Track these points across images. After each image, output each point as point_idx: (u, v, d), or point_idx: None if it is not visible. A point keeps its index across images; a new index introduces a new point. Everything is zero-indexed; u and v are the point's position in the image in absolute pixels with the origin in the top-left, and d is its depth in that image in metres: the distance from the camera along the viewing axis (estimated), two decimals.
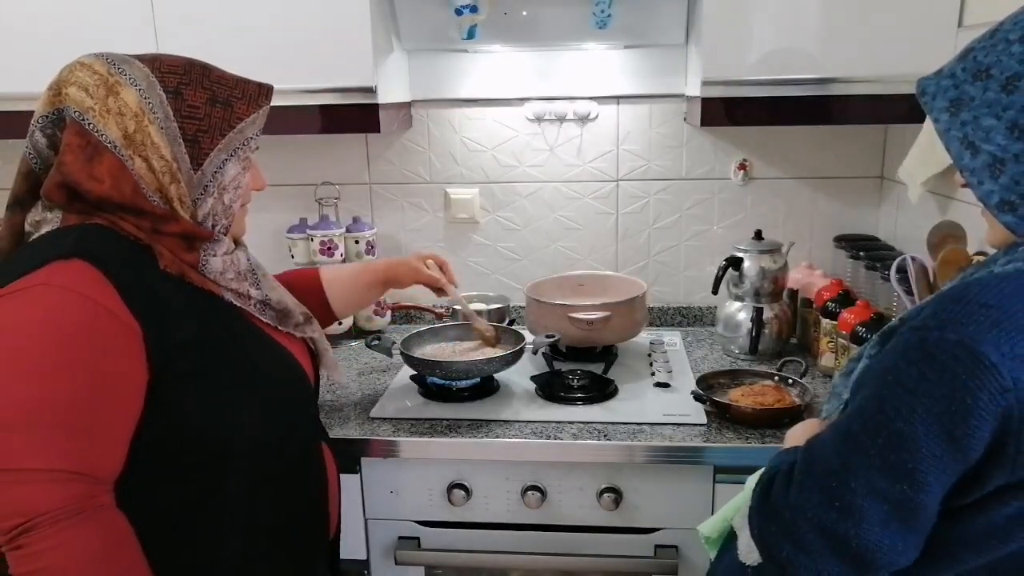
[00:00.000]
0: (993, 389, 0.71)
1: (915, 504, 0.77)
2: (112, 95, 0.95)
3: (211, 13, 1.63)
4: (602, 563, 1.46)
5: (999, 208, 0.79)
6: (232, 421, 0.99)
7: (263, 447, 1.03)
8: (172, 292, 0.96)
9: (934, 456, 0.74)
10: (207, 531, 1.00)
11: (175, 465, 0.96)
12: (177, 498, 0.97)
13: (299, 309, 1.17)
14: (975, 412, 0.72)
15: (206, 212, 1.01)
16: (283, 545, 1.08)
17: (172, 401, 0.94)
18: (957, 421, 0.73)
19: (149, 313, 0.91)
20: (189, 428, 0.96)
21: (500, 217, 2.07)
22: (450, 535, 1.49)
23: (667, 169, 2.00)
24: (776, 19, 1.53)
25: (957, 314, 0.74)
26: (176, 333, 0.94)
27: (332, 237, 1.96)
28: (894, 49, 1.50)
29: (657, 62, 1.92)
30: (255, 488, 1.02)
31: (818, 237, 2.00)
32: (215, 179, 1.01)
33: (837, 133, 1.92)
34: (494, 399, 1.60)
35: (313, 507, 1.14)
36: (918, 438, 0.74)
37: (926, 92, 0.85)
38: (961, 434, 0.73)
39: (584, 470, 1.44)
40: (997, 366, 0.71)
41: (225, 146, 1.01)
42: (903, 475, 0.76)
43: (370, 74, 1.64)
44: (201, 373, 0.96)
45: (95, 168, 0.94)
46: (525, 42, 1.86)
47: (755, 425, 1.44)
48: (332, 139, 2.03)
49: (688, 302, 2.08)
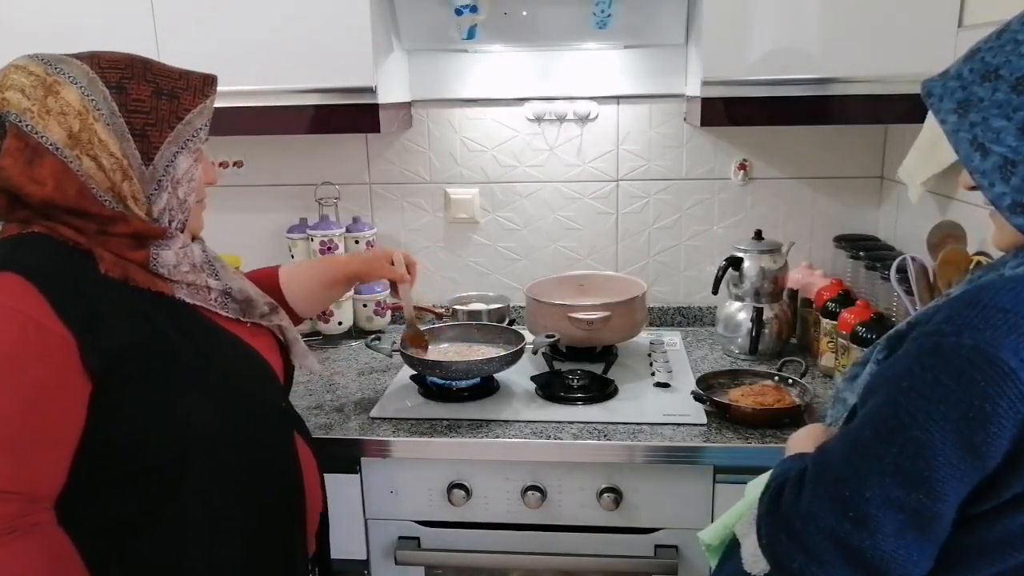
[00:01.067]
0: (1013, 395, 0.70)
1: (931, 513, 0.75)
2: (52, 95, 0.93)
3: (211, 13, 1.63)
4: (602, 563, 1.46)
5: (1011, 210, 0.78)
6: (187, 421, 0.97)
7: (224, 445, 1.01)
8: (112, 296, 0.94)
9: (951, 464, 0.73)
10: (170, 534, 0.98)
11: (131, 471, 0.95)
12: (136, 504, 0.96)
13: (264, 299, 1.15)
14: (994, 419, 0.70)
15: (161, 208, 1.00)
16: (255, 543, 1.06)
17: (120, 406, 0.93)
18: (975, 428, 0.71)
19: (83, 321, 0.89)
20: (141, 432, 0.94)
21: (500, 217, 2.07)
22: (450, 535, 1.49)
23: (667, 169, 2.00)
24: (776, 19, 1.53)
25: (973, 319, 0.72)
26: (115, 338, 0.91)
27: (332, 237, 1.96)
28: (894, 49, 1.50)
29: (657, 62, 1.92)
30: (219, 487, 1.01)
31: (818, 237, 2.00)
32: (167, 173, 0.99)
33: (837, 133, 1.92)
34: (494, 399, 1.60)
35: (287, 502, 1.12)
36: (935, 445, 0.73)
37: (932, 94, 0.84)
38: (980, 441, 0.71)
39: (584, 470, 1.44)
40: (1016, 372, 0.69)
41: (175, 139, 0.99)
42: (919, 483, 0.74)
43: (370, 74, 1.64)
44: (148, 375, 0.94)
45: (36, 171, 0.92)
46: (525, 42, 1.86)
47: (755, 425, 1.44)
48: (332, 139, 2.03)
49: (688, 302, 2.08)
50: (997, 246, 0.86)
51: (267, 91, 1.66)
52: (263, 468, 1.08)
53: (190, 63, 1.62)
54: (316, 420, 1.53)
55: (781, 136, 1.94)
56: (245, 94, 1.65)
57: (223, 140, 2.03)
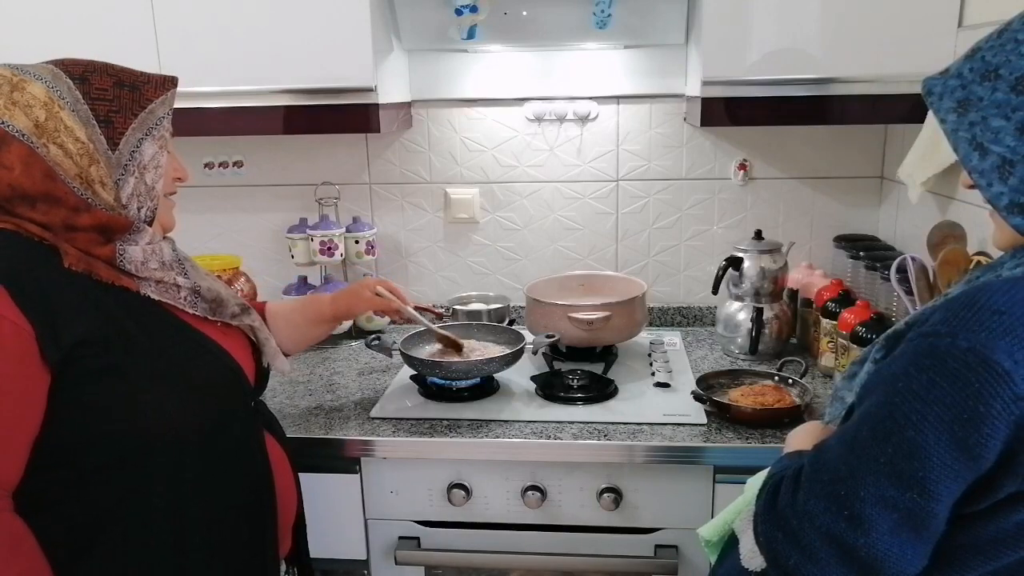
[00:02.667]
0: (1006, 397, 0.70)
1: (925, 513, 0.75)
2: (17, 91, 0.96)
3: (211, 13, 1.63)
4: (602, 563, 1.46)
5: (1008, 210, 0.78)
6: (145, 418, 0.98)
7: (187, 441, 1.02)
8: (73, 290, 0.95)
9: (945, 465, 0.73)
10: (134, 529, 0.99)
11: (92, 467, 0.96)
12: (98, 499, 0.97)
13: (235, 299, 1.16)
14: (988, 420, 0.71)
15: (129, 193, 1.02)
16: (221, 542, 1.06)
17: (79, 400, 0.93)
18: (970, 430, 0.71)
19: (42, 313, 0.90)
20: (101, 426, 0.95)
21: (500, 217, 2.07)
22: (450, 535, 1.49)
23: (667, 169, 2.00)
24: (776, 19, 1.53)
25: (968, 320, 0.73)
26: (74, 331, 0.92)
27: (332, 237, 1.96)
28: (894, 49, 1.50)
29: (657, 62, 1.92)
30: (182, 483, 1.02)
31: (818, 237, 2.00)
32: (133, 158, 1.01)
33: (837, 133, 1.92)
34: (494, 399, 1.60)
35: (256, 501, 1.12)
36: (929, 446, 0.73)
37: (932, 92, 0.84)
38: (974, 443, 0.72)
39: (584, 470, 1.44)
40: (1010, 373, 0.70)
41: (139, 125, 1.02)
42: (913, 483, 0.74)
43: (370, 74, 1.64)
44: (107, 370, 0.95)
45: (3, 157, 0.94)
46: (525, 42, 1.86)
47: (755, 425, 1.44)
48: (332, 139, 2.03)
49: (688, 302, 2.08)
50: (997, 245, 0.86)
51: (267, 91, 1.66)
52: (228, 467, 1.08)
53: (190, 63, 1.65)
54: (316, 420, 1.53)
55: (781, 136, 1.94)
56: (245, 94, 1.66)
57: (223, 140, 2.04)
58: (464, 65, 1.97)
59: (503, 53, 1.95)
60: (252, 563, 1.12)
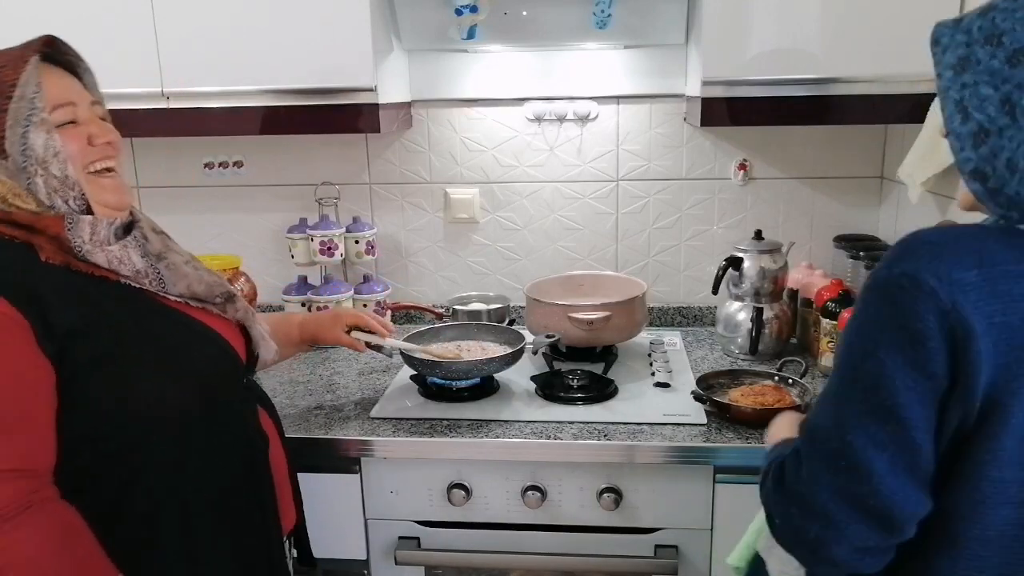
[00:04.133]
0: (936, 311, 0.75)
1: (911, 445, 0.78)
2: None
3: (211, 14, 1.63)
4: (602, 563, 1.46)
5: (972, 176, 0.81)
6: (146, 402, 0.98)
7: (184, 423, 1.02)
8: (56, 283, 0.94)
9: (907, 387, 0.77)
10: (143, 515, 0.99)
11: (97, 455, 0.96)
12: (107, 488, 0.97)
13: (216, 291, 1.11)
14: (927, 334, 0.76)
15: (45, 193, 0.95)
16: (225, 516, 1.07)
17: (77, 391, 0.93)
18: (916, 346, 0.76)
19: (31, 306, 0.90)
20: (101, 415, 0.95)
21: (500, 217, 2.07)
22: (450, 535, 1.49)
23: (667, 169, 2.00)
24: (776, 19, 1.53)
25: (902, 252, 0.79)
26: (63, 322, 0.92)
27: (332, 237, 1.96)
28: (894, 49, 1.50)
29: (657, 62, 1.92)
30: (184, 464, 1.02)
31: (818, 237, 2.00)
32: (27, 157, 0.93)
33: (837, 133, 1.92)
34: (494, 399, 1.60)
35: (254, 475, 1.12)
36: (887, 371, 0.77)
37: (939, 42, 0.83)
38: (922, 359, 0.76)
39: (584, 470, 1.44)
40: (936, 290, 0.75)
41: (14, 120, 0.92)
42: (887, 414, 0.78)
43: (370, 74, 1.64)
44: (101, 359, 0.95)
45: None
46: (525, 42, 1.86)
47: (755, 425, 1.43)
48: (332, 139, 2.03)
49: (688, 302, 2.08)
50: (959, 206, 0.91)
51: (267, 91, 1.66)
52: (226, 442, 1.08)
53: (190, 63, 1.65)
54: (316, 420, 1.53)
55: (781, 136, 1.94)
56: (245, 94, 1.66)
57: (223, 140, 2.04)
58: (464, 65, 1.97)
59: (503, 53, 1.95)
60: (257, 536, 1.13)
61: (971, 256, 0.77)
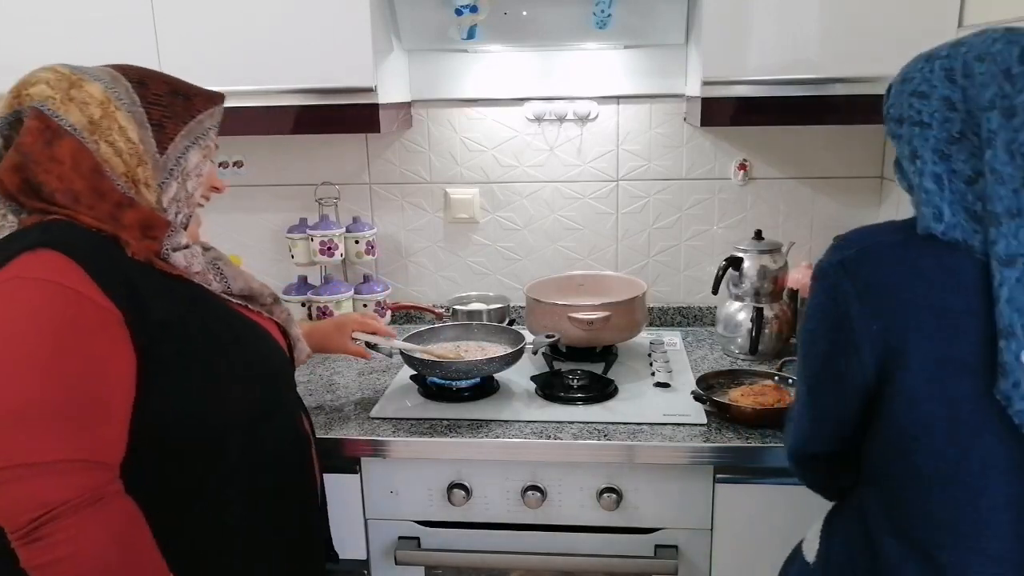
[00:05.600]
0: (827, 289, 0.96)
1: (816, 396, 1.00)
2: (75, 88, 0.98)
3: (211, 13, 1.63)
4: (602, 563, 1.46)
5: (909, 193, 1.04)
6: (222, 400, 1.01)
7: (254, 423, 1.06)
8: (144, 276, 0.97)
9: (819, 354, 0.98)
10: (214, 509, 1.02)
11: (171, 448, 0.98)
12: (178, 479, 0.99)
13: (266, 291, 1.20)
14: (822, 309, 0.97)
15: (171, 197, 1.04)
16: (283, 516, 1.12)
17: (160, 383, 0.95)
18: (818, 320, 0.98)
19: (125, 297, 0.92)
20: (179, 411, 0.97)
21: (500, 217, 2.07)
22: (450, 535, 1.49)
23: (667, 169, 2.00)
24: (776, 19, 1.53)
25: (836, 246, 1.00)
26: (155, 314, 0.95)
27: (332, 237, 1.96)
28: (894, 49, 1.49)
29: (657, 62, 1.92)
30: (251, 462, 1.05)
31: (818, 237, 2.00)
32: (179, 164, 1.04)
33: (837, 133, 1.92)
34: (494, 399, 1.60)
35: (302, 477, 1.17)
36: (817, 334, 0.98)
37: (889, 115, 1.00)
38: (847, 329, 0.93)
39: (584, 470, 1.44)
40: (826, 271, 0.97)
41: (187, 133, 1.05)
42: (803, 378, 1.01)
43: (370, 74, 1.64)
44: (184, 353, 0.98)
45: (55, 150, 0.95)
46: (525, 42, 1.86)
47: (755, 425, 1.44)
48: (332, 139, 2.03)
49: (688, 302, 2.08)
50: None
51: (267, 91, 1.66)
52: (284, 442, 1.13)
53: (190, 63, 1.64)
54: (316, 420, 1.52)
55: (781, 136, 1.94)
56: (245, 94, 1.65)
57: (223, 140, 2.01)
58: (464, 65, 1.97)
59: (503, 53, 1.95)
60: (306, 532, 1.18)
61: (857, 240, 0.99)
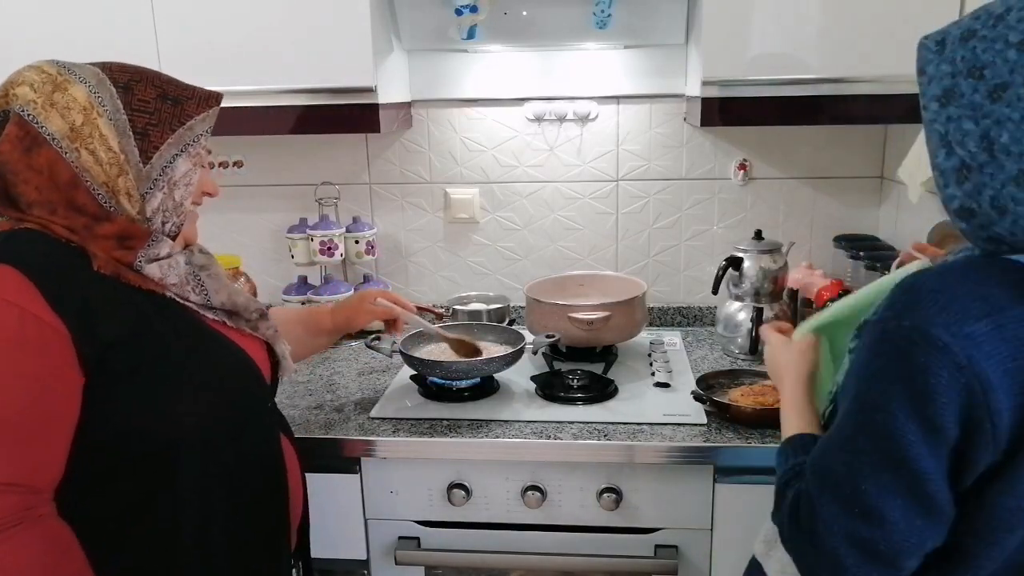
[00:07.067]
0: (950, 367, 0.74)
1: (926, 492, 0.78)
2: (59, 91, 0.96)
3: (211, 13, 1.63)
4: (602, 563, 1.46)
5: (957, 214, 0.80)
6: (177, 416, 0.99)
7: (213, 440, 1.03)
8: (105, 292, 0.95)
9: (918, 441, 0.76)
10: (162, 524, 1.00)
11: (122, 463, 0.97)
12: (128, 495, 0.98)
13: (252, 306, 1.16)
14: (939, 391, 0.75)
15: (155, 207, 1.01)
16: (242, 535, 1.08)
17: (110, 400, 0.94)
18: (926, 401, 0.75)
19: (76, 314, 0.91)
20: (131, 426, 0.96)
21: (500, 217, 2.07)
22: (450, 535, 1.49)
23: (667, 169, 2.00)
24: (776, 19, 1.53)
25: (909, 302, 0.78)
26: (106, 332, 0.93)
27: (332, 237, 1.96)
28: (894, 49, 1.50)
29: (657, 62, 1.92)
30: (207, 480, 1.03)
31: (818, 237, 2.00)
32: (164, 174, 1.01)
33: (837, 133, 1.92)
34: (494, 399, 1.60)
35: (272, 497, 1.14)
36: (898, 425, 0.77)
37: (925, 72, 0.83)
38: (932, 414, 0.75)
39: (584, 470, 1.44)
40: (949, 345, 0.74)
41: (175, 141, 1.01)
42: (900, 465, 0.78)
43: (370, 74, 1.64)
44: (140, 370, 0.96)
45: (33, 159, 0.94)
46: (525, 42, 1.86)
47: (755, 425, 1.44)
48: (332, 139, 2.03)
49: (688, 302, 2.08)
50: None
51: (267, 91, 1.66)
52: (250, 463, 1.10)
53: (190, 63, 1.64)
54: (316, 420, 1.53)
55: (781, 136, 1.94)
56: (245, 94, 1.65)
57: (223, 140, 2.03)
58: (464, 65, 1.96)
59: (503, 53, 1.95)
60: (269, 557, 1.14)
61: (978, 304, 0.75)
